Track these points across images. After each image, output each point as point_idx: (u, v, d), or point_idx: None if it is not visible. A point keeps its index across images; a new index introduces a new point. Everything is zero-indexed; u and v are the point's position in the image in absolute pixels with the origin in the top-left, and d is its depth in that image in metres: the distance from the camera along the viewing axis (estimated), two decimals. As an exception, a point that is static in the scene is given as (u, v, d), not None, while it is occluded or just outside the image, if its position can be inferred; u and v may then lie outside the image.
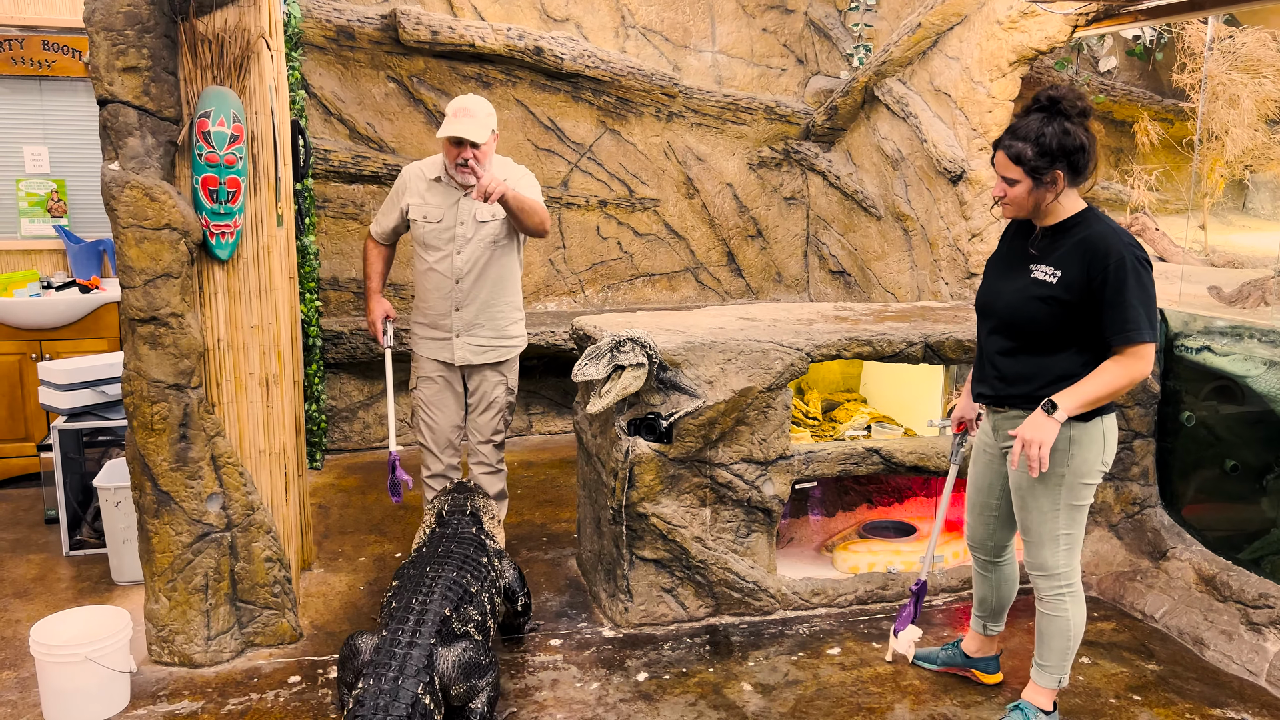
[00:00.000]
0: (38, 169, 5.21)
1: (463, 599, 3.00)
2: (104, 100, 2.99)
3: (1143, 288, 2.64)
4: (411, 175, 3.86)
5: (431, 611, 2.87)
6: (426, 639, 2.78)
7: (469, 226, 3.77)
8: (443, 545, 3.25)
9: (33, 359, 4.95)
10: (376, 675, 2.67)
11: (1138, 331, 2.61)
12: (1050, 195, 2.73)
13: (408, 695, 2.63)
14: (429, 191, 3.81)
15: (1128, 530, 4.05)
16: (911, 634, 3.29)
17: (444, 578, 3.02)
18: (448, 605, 2.92)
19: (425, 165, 3.86)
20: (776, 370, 3.56)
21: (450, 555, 3.17)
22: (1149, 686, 3.28)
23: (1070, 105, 2.70)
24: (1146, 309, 2.63)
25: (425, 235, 3.81)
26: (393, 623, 2.84)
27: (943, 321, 4.02)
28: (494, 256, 3.82)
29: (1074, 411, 2.67)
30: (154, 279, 3.07)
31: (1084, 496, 2.82)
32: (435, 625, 2.83)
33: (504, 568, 3.41)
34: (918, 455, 3.82)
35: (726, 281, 6.54)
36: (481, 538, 3.38)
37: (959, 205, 5.00)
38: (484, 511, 3.56)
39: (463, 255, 3.78)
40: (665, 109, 6.13)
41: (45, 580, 3.98)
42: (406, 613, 2.87)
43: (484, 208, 3.75)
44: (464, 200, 3.76)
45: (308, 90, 5.47)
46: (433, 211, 3.79)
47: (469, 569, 3.13)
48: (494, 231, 3.79)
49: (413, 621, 2.83)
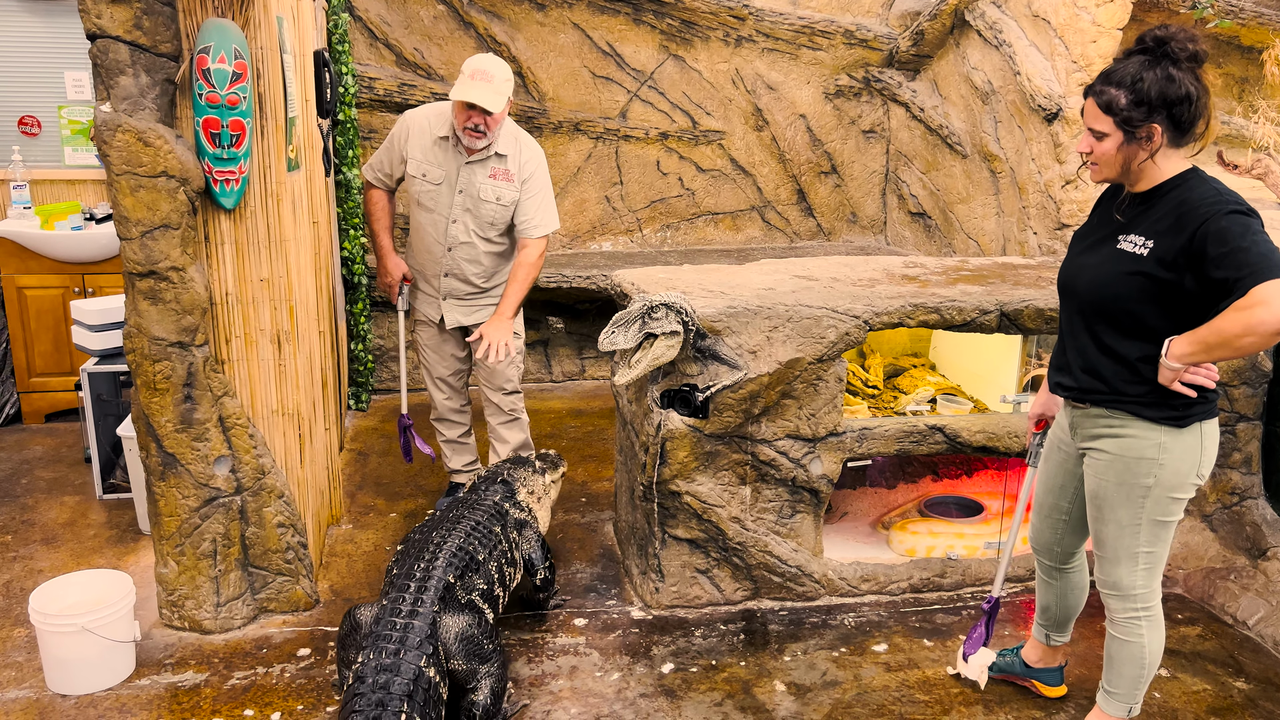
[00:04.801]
0: (79, 96, 5.06)
1: (468, 567, 2.85)
2: (93, 35, 2.74)
3: (1253, 231, 2.15)
4: (415, 126, 3.59)
5: (435, 578, 2.72)
6: (429, 607, 2.63)
7: (468, 198, 3.57)
8: (455, 510, 3.11)
9: (75, 292, 4.87)
10: (377, 648, 2.50)
11: (1253, 275, 2.10)
12: (1143, 153, 2.29)
13: (410, 669, 2.46)
14: (432, 149, 3.57)
15: (1223, 522, 3.63)
16: (984, 658, 2.95)
17: (449, 544, 2.87)
18: (452, 572, 2.78)
19: (432, 118, 3.58)
20: (829, 340, 3.21)
21: (460, 520, 3.02)
22: (1235, 710, 2.92)
23: (1179, 48, 2.24)
24: (1263, 249, 2.12)
25: (421, 195, 3.62)
26: (393, 591, 2.69)
27: (1024, 285, 3.60)
28: (490, 237, 3.64)
29: (1188, 358, 2.24)
30: (151, 230, 2.86)
31: (1172, 512, 2.44)
32: (438, 593, 2.68)
33: (524, 538, 3.22)
34: (986, 435, 3.45)
35: (796, 221, 6.12)
36: (504, 507, 3.20)
37: (1053, 147, 4.49)
38: (521, 483, 3.39)
39: (457, 225, 3.61)
40: (734, 33, 5.66)
41: (75, 526, 3.93)
42: (408, 580, 2.72)
43: (487, 185, 3.55)
44: (465, 167, 3.53)
45: (352, 13, 5.17)
46: (433, 172, 3.58)
47: (477, 536, 2.98)
48: (493, 214, 3.59)
49: (414, 589, 2.68)
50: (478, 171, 3.55)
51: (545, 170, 3.66)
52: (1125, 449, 2.43)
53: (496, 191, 3.56)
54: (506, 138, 3.57)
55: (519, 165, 3.58)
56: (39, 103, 5.03)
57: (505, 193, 3.58)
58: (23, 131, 5.03)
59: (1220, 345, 2.19)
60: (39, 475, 4.40)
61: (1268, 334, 2.10)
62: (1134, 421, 2.41)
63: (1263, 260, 2.11)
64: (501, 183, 3.57)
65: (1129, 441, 2.43)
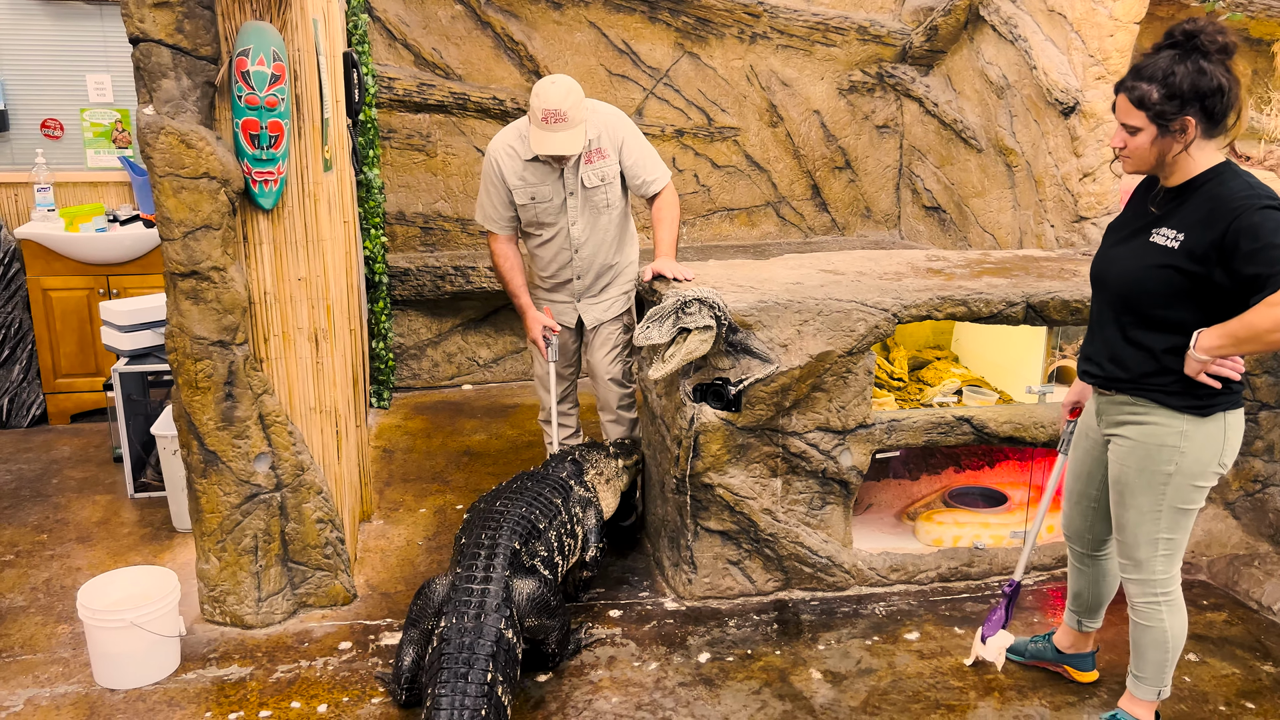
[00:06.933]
0: (101, 98, 5.10)
1: (530, 534, 3.02)
2: (135, 39, 2.79)
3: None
4: (503, 157, 3.58)
5: (501, 545, 2.90)
6: (501, 572, 2.81)
7: (579, 196, 3.61)
8: (519, 482, 3.28)
9: (100, 294, 4.91)
10: (459, 613, 2.66)
11: None
12: (1178, 146, 2.33)
13: (492, 631, 2.63)
14: (528, 171, 3.57)
15: (1246, 510, 3.67)
16: (1002, 640, 3.00)
17: (512, 513, 3.04)
18: (516, 539, 2.95)
19: (515, 144, 3.57)
20: (859, 333, 3.26)
21: (524, 491, 3.19)
22: (1264, 693, 2.96)
23: (1209, 41, 2.28)
24: None
25: (540, 214, 3.64)
26: (465, 559, 2.88)
27: (1048, 276, 3.64)
28: (610, 219, 3.68)
29: (1217, 350, 2.29)
30: (193, 231, 2.90)
31: (1193, 500, 2.48)
32: (507, 558, 2.86)
33: (585, 515, 3.39)
34: (1013, 425, 3.49)
35: (810, 217, 6.16)
36: (570, 484, 3.37)
37: (1070, 140, 4.53)
38: (591, 464, 3.57)
39: (578, 225, 3.65)
40: (748, 29, 5.70)
41: (109, 524, 3.97)
42: (477, 548, 2.89)
43: (591, 173, 3.57)
44: (566, 170, 3.57)
45: (370, 14, 5.21)
46: (540, 191, 3.60)
47: (538, 506, 3.15)
48: (604, 196, 3.63)
49: (484, 556, 2.86)
50: (578, 166, 3.56)
51: (632, 126, 3.65)
52: (1148, 436, 2.48)
53: (600, 173, 3.59)
54: (591, 122, 3.54)
55: (609, 138, 3.58)
56: (61, 105, 5.07)
57: (608, 169, 3.60)
58: (45, 134, 5.07)
59: (1250, 339, 2.24)
60: (69, 475, 4.44)
61: None
62: (1157, 409, 2.46)
63: None
64: (599, 162, 3.58)
65: (1152, 429, 2.47)
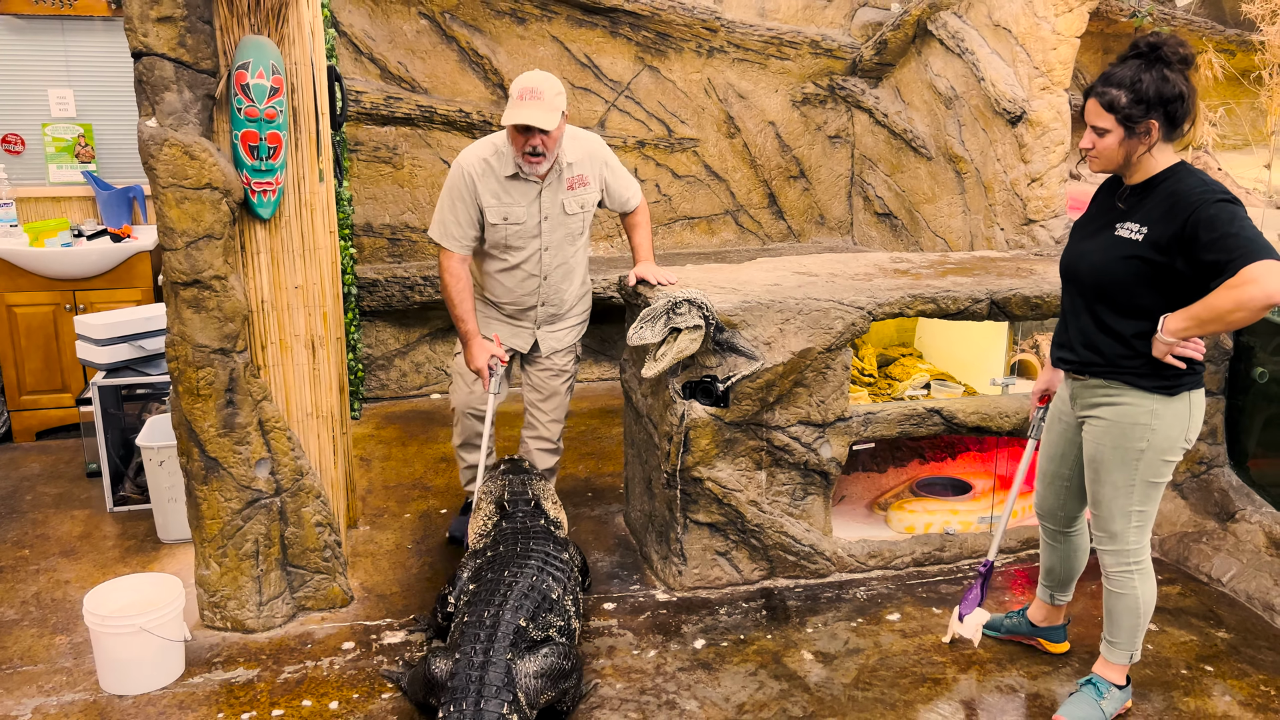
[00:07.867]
0: (63, 113, 5.07)
1: (540, 606, 2.84)
2: (139, 53, 2.84)
3: (1239, 218, 2.42)
4: (476, 171, 3.39)
5: (504, 623, 2.72)
6: (501, 655, 2.64)
7: (554, 221, 3.48)
8: (520, 544, 3.07)
9: (66, 309, 4.87)
10: (456, 701, 2.54)
11: (1243, 256, 2.35)
12: (1142, 147, 2.56)
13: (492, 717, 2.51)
14: (505, 191, 3.41)
15: (1193, 490, 3.93)
16: (978, 617, 3.18)
17: (520, 585, 2.85)
18: (521, 615, 2.77)
19: (490, 159, 3.39)
20: (837, 330, 3.43)
21: (530, 556, 3.00)
22: (1220, 656, 3.20)
23: (1171, 52, 2.52)
24: (1249, 234, 2.38)
25: (509, 238, 3.46)
26: (465, 642, 2.68)
27: (1007, 275, 3.86)
28: (577, 248, 3.62)
29: (1182, 332, 2.50)
30: (196, 240, 2.95)
31: (1162, 473, 2.69)
32: (509, 639, 2.68)
33: (574, 555, 3.28)
34: (980, 415, 3.70)
35: (767, 224, 6.35)
36: (550, 529, 3.24)
37: (1018, 148, 4.79)
38: (545, 496, 3.39)
39: (550, 251, 3.51)
40: (706, 44, 5.88)
41: (91, 538, 3.95)
42: (479, 629, 2.71)
43: (572, 199, 3.49)
44: (547, 190, 3.44)
45: (337, 29, 5.27)
46: (515, 212, 3.43)
47: (550, 571, 2.96)
48: (581, 223, 3.57)
49: (484, 638, 2.68)
50: (558, 190, 3.46)
51: (609, 150, 3.61)
52: (1121, 415, 2.68)
53: (580, 200, 3.51)
54: (569, 144, 3.47)
55: (591, 165, 3.52)
56: (22, 120, 5.03)
57: (588, 197, 3.53)
58: (6, 149, 5.02)
59: (1213, 320, 2.45)
60: (43, 491, 4.40)
61: (1256, 309, 2.36)
62: (1129, 391, 2.67)
63: (1250, 244, 2.38)
64: (581, 190, 3.49)
65: (1124, 409, 2.68)
